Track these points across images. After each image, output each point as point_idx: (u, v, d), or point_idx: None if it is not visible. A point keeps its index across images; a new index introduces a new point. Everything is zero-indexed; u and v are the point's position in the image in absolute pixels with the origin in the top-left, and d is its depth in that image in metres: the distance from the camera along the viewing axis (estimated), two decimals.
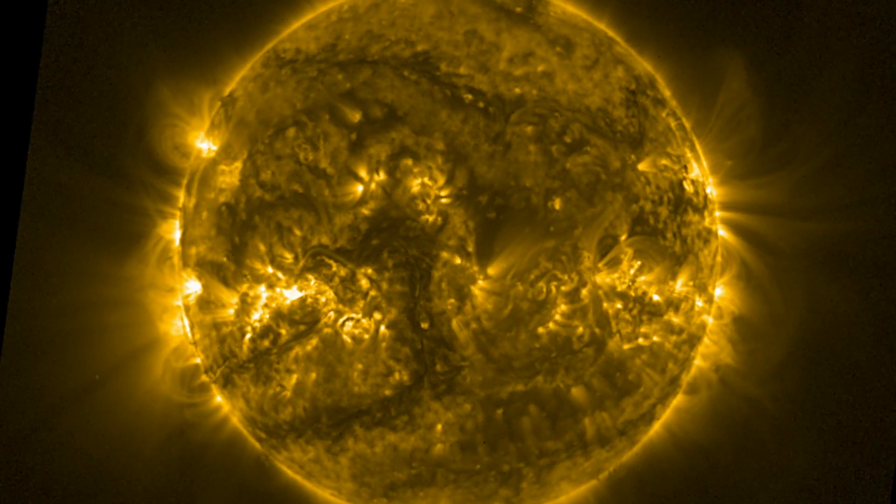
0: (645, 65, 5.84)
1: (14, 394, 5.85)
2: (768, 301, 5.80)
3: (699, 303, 5.61)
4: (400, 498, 5.60)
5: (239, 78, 5.89)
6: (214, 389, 5.79)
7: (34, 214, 5.81)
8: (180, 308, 5.82)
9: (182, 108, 5.81)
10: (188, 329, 5.76)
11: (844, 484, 5.80)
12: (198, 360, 5.80)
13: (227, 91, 5.86)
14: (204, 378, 5.81)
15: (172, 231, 5.83)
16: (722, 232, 5.79)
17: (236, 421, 5.85)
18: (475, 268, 5.07)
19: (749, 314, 5.83)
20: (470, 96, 5.20)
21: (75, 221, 5.84)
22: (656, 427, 5.87)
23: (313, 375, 5.23)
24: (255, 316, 5.30)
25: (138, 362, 5.85)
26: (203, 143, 5.72)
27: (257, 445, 5.82)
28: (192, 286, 5.60)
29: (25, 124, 5.81)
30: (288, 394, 5.34)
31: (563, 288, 5.12)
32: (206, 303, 5.48)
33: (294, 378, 5.30)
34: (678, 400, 5.84)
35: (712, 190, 5.79)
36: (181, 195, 5.81)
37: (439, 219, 5.04)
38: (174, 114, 5.80)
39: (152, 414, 5.87)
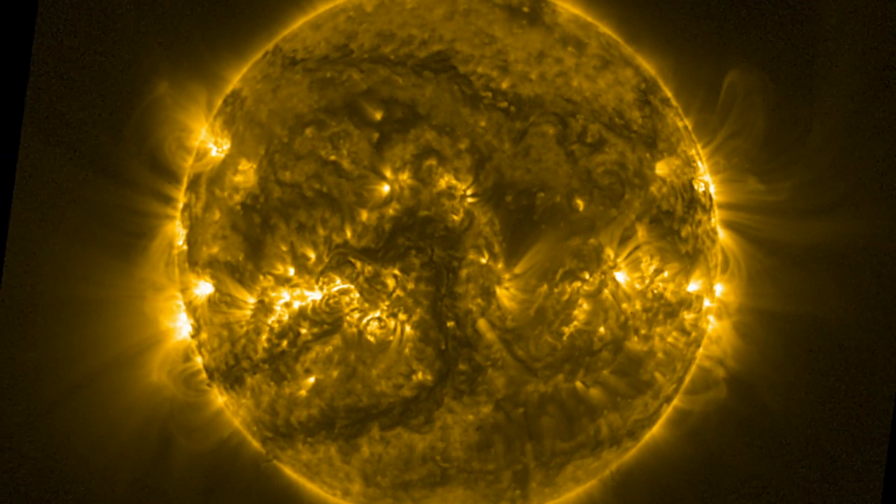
0: (647, 66, 5.91)
1: (12, 394, 5.69)
2: (769, 301, 5.89)
3: (707, 303, 5.70)
4: (410, 498, 5.57)
5: (240, 77, 5.80)
6: (217, 390, 5.70)
7: (35, 215, 5.66)
8: (183, 308, 5.71)
9: (182, 107, 5.71)
10: (193, 329, 5.66)
11: (846, 482, 5.92)
12: (199, 360, 5.71)
13: (229, 90, 5.77)
14: (205, 378, 5.72)
15: (175, 231, 5.73)
16: (721, 232, 5.88)
17: (238, 422, 5.77)
18: (501, 267, 5.08)
19: (750, 314, 5.92)
20: (489, 94, 5.21)
21: (75, 222, 5.71)
22: (659, 426, 5.93)
23: (334, 374, 5.19)
24: (274, 317, 5.23)
25: (139, 362, 5.76)
26: (208, 143, 5.62)
27: (260, 446, 5.75)
28: (201, 286, 5.50)
29: (22, 122, 5.67)
30: (304, 393, 5.28)
31: (585, 288, 5.16)
32: (217, 303, 5.39)
33: (312, 378, 5.24)
34: (681, 399, 5.91)
35: (713, 190, 5.89)
36: (184, 195, 5.70)
37: (466, 219, 5.04)
38: (174, 113, 5.70)
39: (153, 414, 5.77)
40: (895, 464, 5.83)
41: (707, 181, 5.77)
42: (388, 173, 5.10)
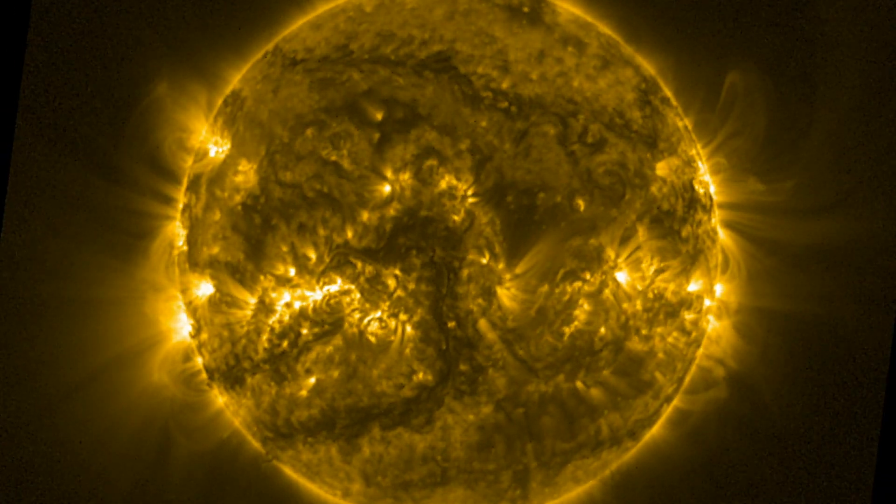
0: (647, 65, 5.90)
1: (12, 394, 5.68)
2: (769, 301, 5.89)
3: (707, 303, 5.70)
4: (410, 498, 5.57)
5: (240, 77, 5.79)
6: (217, 390, 5.69)
7: (36, 215, 5.65)
8: (183, 309, 5.71)
9: (182, 107, 5.70)
10: (194, 330, 5.65)
11: (846, 481, 5.92)
12: (200, 361, 5.71)
13: (228, 90, 5.76)
14: (205, 378, 5.71)
15: (175, 232, 5.72)
16: (721, 232, 5.88)
17: (238, 422, 5.76)
18: (502, 267, 5.08)
19: (750, 314, 5.91)
20: (490, 94, 5.20)
21: (75, 222, 5.70)
22: (659, 426, 5.93)
23: (335, 375, 5.18)
24: (275, 317, 5.22)
25: (139, 362, 5.75)
26: (208, 143, 5.61)
27: (260, 446, 5.74)
28: (201, 286, 5.49)
29: (23, 123, 5.66)
30: (305, 393, 5.28)
31: (586, 288, 5.15)
32: (218, 303, 5.39)
33: (313, 378, 5.23)
34: (681, 399, 5.91)
35: (713, 190, 5.89)
36: (184, 196, 5.70)
37: (467, 219, 5.04)
38: (174, 113, 5.70)
39: (153, 414, 5.77)
40: (885, 463, 5.82)
41: (707, 181, 5.76)
42: (388, 173, 5.10)
